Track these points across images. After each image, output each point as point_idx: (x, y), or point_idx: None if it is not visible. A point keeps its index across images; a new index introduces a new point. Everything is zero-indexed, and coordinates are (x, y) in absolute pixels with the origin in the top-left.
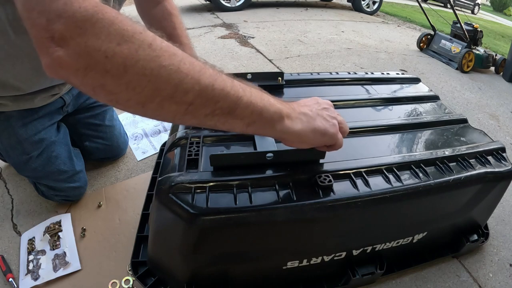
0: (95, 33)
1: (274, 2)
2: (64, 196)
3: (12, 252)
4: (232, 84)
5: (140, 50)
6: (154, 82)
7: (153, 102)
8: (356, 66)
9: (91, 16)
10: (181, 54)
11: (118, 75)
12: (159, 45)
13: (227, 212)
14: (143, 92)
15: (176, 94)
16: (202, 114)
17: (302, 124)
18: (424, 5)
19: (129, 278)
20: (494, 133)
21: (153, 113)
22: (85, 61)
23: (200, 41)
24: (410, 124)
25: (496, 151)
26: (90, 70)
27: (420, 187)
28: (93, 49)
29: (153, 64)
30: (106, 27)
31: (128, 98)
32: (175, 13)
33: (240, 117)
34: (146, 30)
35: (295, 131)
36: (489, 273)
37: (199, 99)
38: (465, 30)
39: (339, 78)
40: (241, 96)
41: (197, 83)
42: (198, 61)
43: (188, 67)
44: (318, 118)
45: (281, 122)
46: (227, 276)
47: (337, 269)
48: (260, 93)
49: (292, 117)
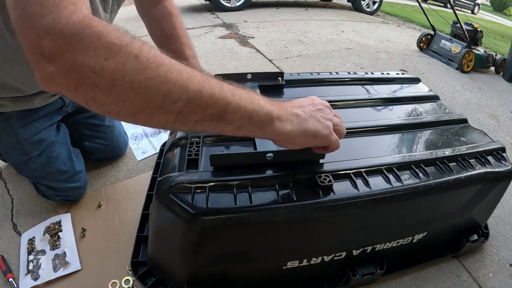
0: (82, 49)
1: (274, 2)
2: (64, 196)
3: (12, 252)
4: (221, 89)
5: (127, 63)
6: (142, 94)
7: (143, 113)
8: (356, 66)
9: (78, 31)
10: (168, 64)
11: (107, 89)
12: (145, 56)
13: (227, 212)
14: (133, 104)
15: (165, 104)
16: (192, 121)
17: (292, 126)
18: (424, 5)
19: (129, 278)
20: (494, 133)
21: (144, 122)
22: (75, 76)
23: (200, 41)
24: (410, 124)
25: (496, 151)
26: (81, 85)
27: (420, 187)
28: (82, 65)
29: (140, 76)
30: (94, 41)
31: (119, 109)
32: (175, 12)
33: (230, 121)
34: (133, 40)
35: (285, 133)
36: (489, 273)
37: (187, 107)
38: (465, 30)
39: (339, 78)
40: (230, 101)
41: (185, 92)
42: (186, 68)
43: (176, 76)
44: (310, 120)
45: (271, 124)
46: (227, 276)
47: (337, 269)
48: (251, 95)
49: (283, 119)
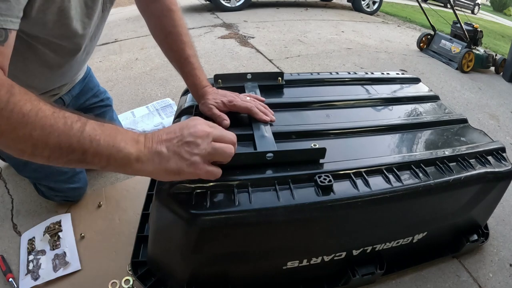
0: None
1: (274, 2)
2: (64, 196)
3: (12, 252)
4: (79, 138)
5: (2, 126)
6: (17, 146)
7: (24, 156)
8: (356, 66)
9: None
10: (33, 122)
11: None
12: (15, 119)
13: (227, 212)
14: (14, 151)
15: (35, 152)
16: (61, 162)
17: (153, 166)
18: (424, 5)
19: (129, 278)
20: (494, 133)
21: (29, 159)
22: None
23: (200, 41)
24: (410, 124)
25: (496, 151)
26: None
27: (420, 187)
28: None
29: (12, 135)
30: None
31: (9, 152)
32: (175, 9)
33: (92, 163)
34: (9, 100)
35: (147, 172)
36: (489, 273)
37: (53, 155)
38: (465, 30)
39: (339, 78)
40: (87, 149)
41: (46, 145)
42: (50, 121)
43: (38, 133)
44: (172, 158)
45: (130, 166)
46: (227, 276)
47: (337, 269)
48: (112, 139)
49: (143, 160)
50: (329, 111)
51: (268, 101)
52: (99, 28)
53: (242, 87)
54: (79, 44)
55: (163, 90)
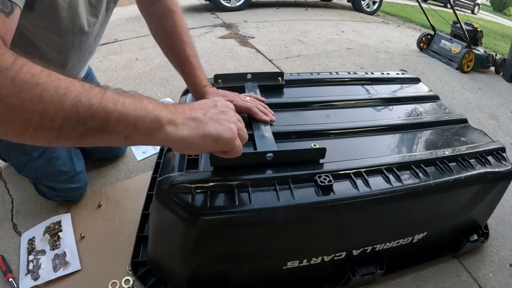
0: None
1: (274, 2)
2: (64, 196)
3: (12, 252)
4: (101, 100)
5: (4, 88)
6: (21, 116)
7: (27, 133)
8: (356, 66)
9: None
10: (45, 82)
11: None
12: (22, 78)
13: (227, 212)
14: (16, 125)
15: (44, 123)
16: (75, 136)
17: (189, 130)
18: (424, 5)
19: (129, 278)
20: (494, 133)
21: (30, 141)
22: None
23: (200, 41)
24: (410, 124)
25: (496, 151)
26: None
27: (420, 187)
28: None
29: (16, 100)
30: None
31: (5, 132)
32: (175, 9)
33: (115, 132)
34: (15, 61)
35: (180, 138)
36: (489, 273)
37: (66, 123)
38: (465, 30)
39: (339, 78)
40: (110, 112)
41: (61, 109)
42: (65, 83)
43: (51, 94)
44: (210, 123)
45: (161, 130)
46: (227, 276)
47: (337, 269)
48: (138, 101)
49: (177, 123)
50: (329, 111)
51: (268, 101)
52: (103, 27)
53: (242, 87)
54: (83, 42)
55: (163, 90)
